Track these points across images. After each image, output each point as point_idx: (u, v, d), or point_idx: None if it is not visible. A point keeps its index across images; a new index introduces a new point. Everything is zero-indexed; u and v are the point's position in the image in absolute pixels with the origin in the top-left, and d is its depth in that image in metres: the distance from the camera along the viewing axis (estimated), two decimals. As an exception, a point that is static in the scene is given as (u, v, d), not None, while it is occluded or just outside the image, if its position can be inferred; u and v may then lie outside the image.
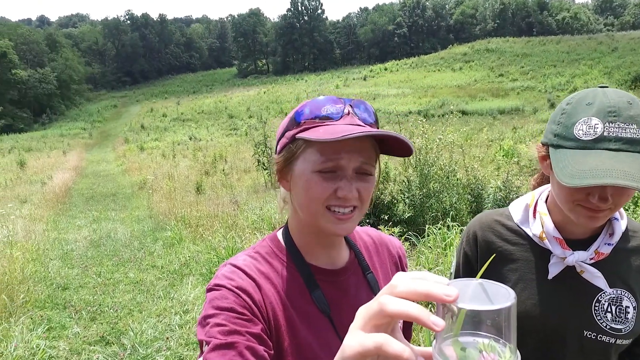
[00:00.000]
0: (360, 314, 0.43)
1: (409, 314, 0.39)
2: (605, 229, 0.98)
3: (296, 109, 0.78)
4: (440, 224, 4.98)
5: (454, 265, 1.18)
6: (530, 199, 1.06)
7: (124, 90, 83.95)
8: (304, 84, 59.75)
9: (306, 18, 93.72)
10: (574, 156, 0.83)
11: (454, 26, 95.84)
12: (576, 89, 32.82)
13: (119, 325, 3.98)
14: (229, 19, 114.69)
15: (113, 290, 4.88)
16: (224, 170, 12.90)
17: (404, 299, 0.40)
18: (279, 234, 0.87)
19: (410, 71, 59.12)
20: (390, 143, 0.76)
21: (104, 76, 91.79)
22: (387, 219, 5.31)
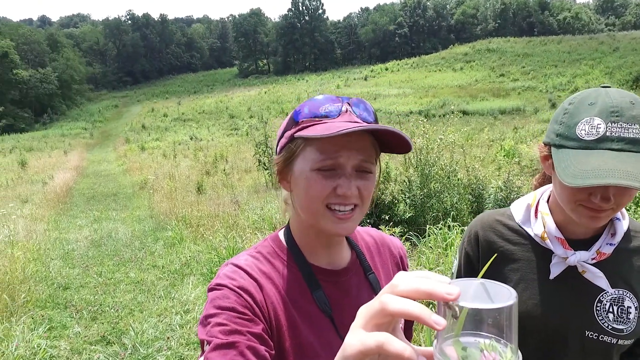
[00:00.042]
0: (362, 313, 0.43)
1: (410, 312, 0.38)
2: (607, 229, 0.98)
3: (295, 109, 0.78)
4: (441, 224, 4.98)
5: (455, 265, 1.18)
6: (532, 199, 1.06)
7: (125, 90, 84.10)
8: (305, 84, 59.78)
9: (307, 18, 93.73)
10: (577, 156, 0.83)
11: (455, 26, 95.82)
12: (577, 89, 32.81)
13: (119, 325, 3.99)
14: (230, 19, 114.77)
15: (114, 290, 4.88)
16: (224, 170, 12.91)
17: (406, 297, 0.40)
18: (281, 234, 0.87)
19: (411, 71, 59.15)
20: (389, 139, 0.75)
21: (105, 76, 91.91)
22: (388, 219, 5.31)
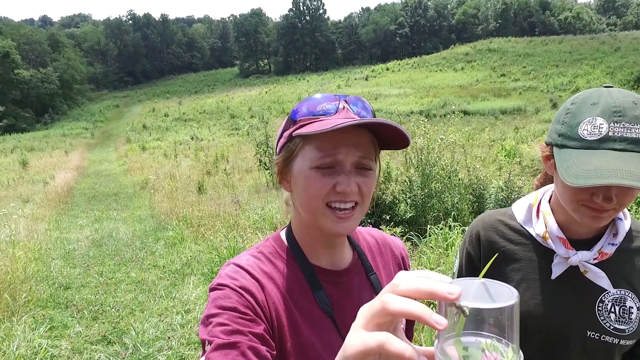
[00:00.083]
0: (363, 312, 0.43)
1: (411, 312, 0.38)
2: (609, 229, 0.98)
3: (293, 108, 0.78)
4: (442, 224, 4.98)
5: (456, 265, 1.18)
6: (533, 198, 1.06)
7: (126, 90, 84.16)
8: (306, 84, 59.78)
9: (308, 18, 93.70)
10: (579, 156, 0.83)
11: (456, 26, 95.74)
12: (578, 89, 32.80)
13: (120, 324, 3.99)
14: (230, 19, 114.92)
15: (115, 290, 4.89)
16: (225, 170, 12.91)
17: (407, 297, 0.40)
18: (282, 234, 0.87)
19: (412, 71, 59.12)
20: (387, 134, 0.75)
21: (106, 76, 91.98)
22: (388, 219, 5.31)
